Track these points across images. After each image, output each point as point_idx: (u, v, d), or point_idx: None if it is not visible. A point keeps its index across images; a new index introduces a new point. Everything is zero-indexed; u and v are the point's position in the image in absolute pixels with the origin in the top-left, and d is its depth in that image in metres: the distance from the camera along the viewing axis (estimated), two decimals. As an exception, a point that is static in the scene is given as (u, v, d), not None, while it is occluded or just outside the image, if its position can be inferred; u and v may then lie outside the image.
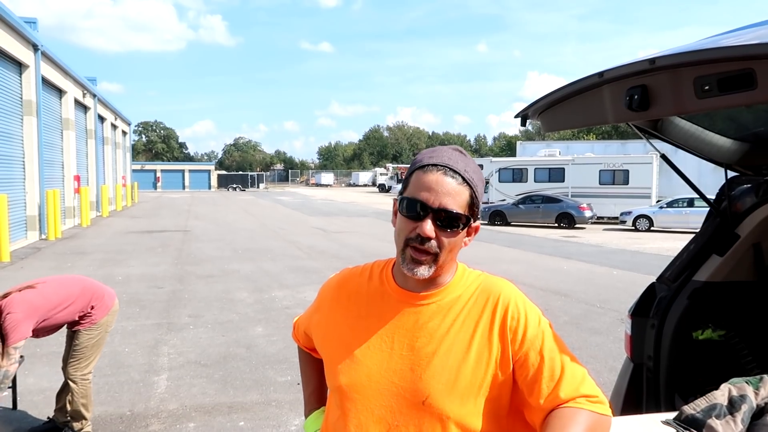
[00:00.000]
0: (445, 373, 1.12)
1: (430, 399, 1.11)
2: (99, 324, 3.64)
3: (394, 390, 1.14)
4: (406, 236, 1.12)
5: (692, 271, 2.55)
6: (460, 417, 1.11)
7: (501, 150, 77.23)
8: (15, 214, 14.07)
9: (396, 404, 1.13)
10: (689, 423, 1.18)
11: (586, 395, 1.10)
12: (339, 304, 1.27)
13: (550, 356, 1.12)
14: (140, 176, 55.50)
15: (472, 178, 1.13)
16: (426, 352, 1.14)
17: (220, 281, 9.62)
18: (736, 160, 2.52)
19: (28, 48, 15.47)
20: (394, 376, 1.14)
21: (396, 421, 1.13)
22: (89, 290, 3.65)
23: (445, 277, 1.19)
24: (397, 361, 1.15)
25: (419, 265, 1.12)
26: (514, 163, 27.25)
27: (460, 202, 1.11)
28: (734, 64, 1.33)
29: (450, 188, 1.10)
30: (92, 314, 3.61)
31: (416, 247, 1.11)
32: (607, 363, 5.48)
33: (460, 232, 1.13)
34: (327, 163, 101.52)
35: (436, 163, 1.12)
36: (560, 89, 1.88)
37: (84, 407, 3.69)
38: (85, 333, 3.61)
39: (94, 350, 3.68)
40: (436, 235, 1.10)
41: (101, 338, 3.69)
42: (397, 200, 1.17)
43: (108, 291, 3.80)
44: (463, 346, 1.14)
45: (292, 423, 4.14)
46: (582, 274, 10.81)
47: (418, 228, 1.10)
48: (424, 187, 1.11)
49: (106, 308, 3.69)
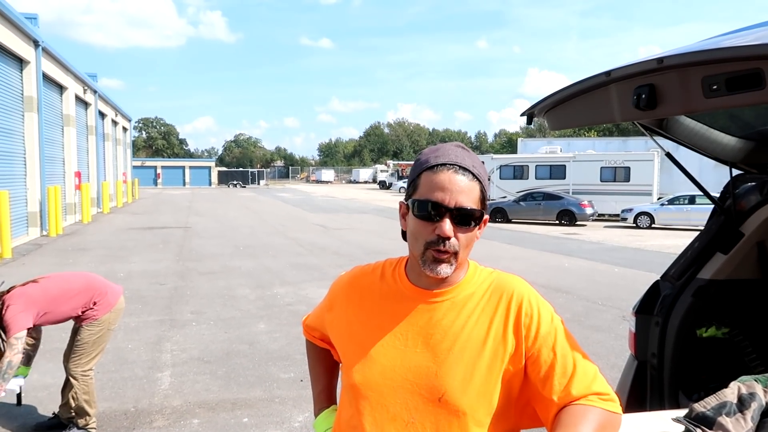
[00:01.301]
0: (461, 370, 1.13)
1: (447, 395, 1.12)
2: (101, 320, 3.65)
3: (409, 387, 1.14)
4: (425, 240, 1.12)
5: (696, 268, 2.56)
6: (477, 412, 1.12)
7: (502, 147, 77.17)
8: (16, 211, 14.09)
9: (411, 401, 1.14)
10: (699, 420, 1.18)
11: (598, 393, 1.11)
12: (351, 303, 1.28)
13: (562, 353, 1.13)
14: (141, 172, 55.47)
15: (480, 173, 1.15)
16: (441, 348, 1.15)
17: (222, 278, 9.64)
18: (740, 158, 2.52)
19: (28, 44, 15.46)
20: (408, 373, 1.15)
21: (412, 417, 1.14)
22: (92, 286, 3.67)
23: (459, 274, 1.20)
24: (412, 358, 1.16)
25: (441, 264, 1.12)
26: (515, 160, 27.21)
27: (473, 198, 1.12)
28: (742, 63, 1.33)
29: (463, 186, 1.11)
30: (95, 310, 3.63)
31: (438, 249, 1.11)
32: (609, 360, 5.49)
33: (476, 228, 1.14)
34: (327, 160, 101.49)
35: (444, 162, 1.13)
36: (567, 88, 1.89)
37: (87, 403, 3.70)
38: (86, 329, 3.62)
39: (95, 347, 3.68)
40: (455, 234, 1.11)
41: (103, 335, 3.70)
42: (406, 203, 1.17)
43: (113, 288, 3.81)
44: (479, 342, 1.15)
45: (295, 419, 4.15)
46: (583, 272, 10.82)
47: (437, 229, 1.10)
48: (438, 187, 1.11)
49: (108, 305, 3.70)
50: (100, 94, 26.89)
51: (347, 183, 77.90)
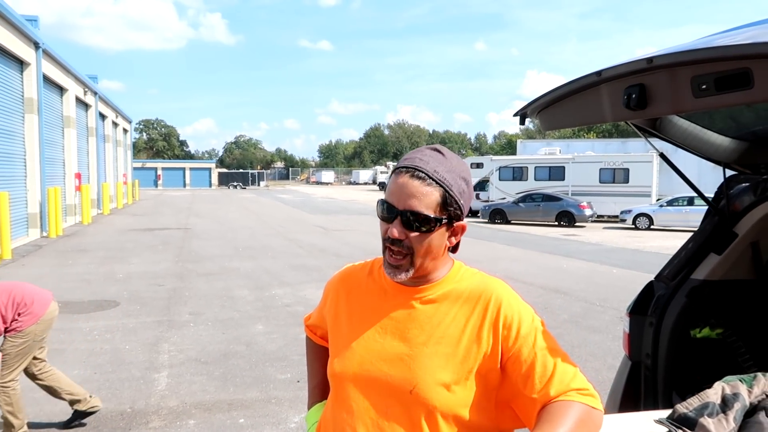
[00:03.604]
0: (433, 364, 1.16)
1: (417, 388, 1.14)
2: (26, 332, 3.52)
3: (384, 378, 1.18)
4: (382, 237, 1.19)
5: (690, 269, 2.56)
6: (447, 407, 1.14)
7: (501, 148, 77.15)
8: (16, 212, 14.10)
9: (386, 392, 1.17)
10: (681, 421, 1.18)
11: (577, 388, 1.12)
12: (339, 298, 1.33)
13: (542, 353, 1.15)
14: (141, 174, 55.51)
15: (444, 178, 1.14)
16: (416, 342, 1.18)
17: (221, 279, 9.64)
18: (734, 158, 2.52)
19: (29, 46, 15.48)
20: (384, 365, 1.18)
21: (386, 408, 1.17)
22: (16, 299, 3.54)
23: (439, 272, 1.23)
24: (389, 350, 1.19)
25: (396, 269, 1.17)
26: (515, 162, 27.23)
27: (427, 203, 1.13)
28: (731, 63, 1.33)
29: (415, 190, 1.13)
30: (18, 321, 3.51)
31: (389, 248, 1.16)
32: (606, 361, 5.49)
33: (433, 233, 1.15)
34: (328, 161, 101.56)
35: (405, 165, 1.15)
36: (558, 88, 1.89)
37: (11, 414, 3.56)
38: (9, 340, 3.52)
39: (18, 359, 3.55)
40: (407, 236, 1.14)
41: (27, 347, 3.56)
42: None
43: (40, 299, 3.66)
44: (453, 338, 1.17)
45: (292, 420, 4.15)
46: (582, 273, 10.82)
47: (388, 230, 1.16)
48: (393, 189, 1.15)
49: (34, 316, 3.56)
50: (101, 95, 26.91)
51: (347, 184, 77.92)
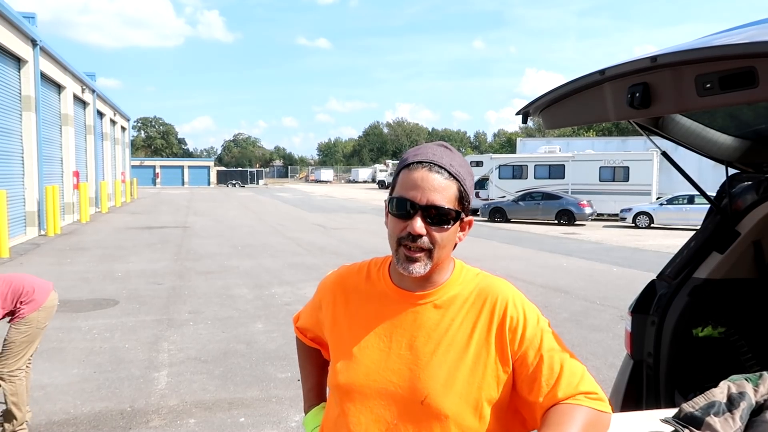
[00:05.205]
0: (443, 373, 1.13)
1: (429, 399, 1.11)
2: (28, 319, 3.56)
3: (393, 389, 1.14)
4: (397, 236, 1.12)
5: (693, 268, 2.55)
6: (459, 416, 1.11)
7: (501, 147, 77.11)
8: (14, 210, 14.07)
9: (395, 403, 1.14)
10: (688, 421, 1.18)
11: (585, 392, 1.10)
12: (337, 303, 1.28)
13: (549, 354, 1.12)
14: (139, 172, 55.39)
15: (458, 172, 1.13)
16: (424, 351, 1.15)
17: (220, 277, 9.63)
18: (736, 157, 2.52)
19: (26, 43, 15.43)
20: (392, 375, 1.15)
21: (395, 420, 1.14)
22: (17, 287, 3.56)
23: (442, 275, 1.20)
24: (396, 360, 1.16)
25: (414, 263, 1.12)
26: (514, 160, 27.21)
27: (448, 197, 1.11)
28: (736, 62, 1.32)
29: (436, 184, 1.10)
30: (21, 309, 3.54)
31: (408, 245, 1.11)
32: (607, 360, 5.49)
33: (451, 227, 1.13)
34: (326, 160, 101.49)
35: (421, 160, 1.12)
36: (561, 87, 1.88)
37: (15, 406, 3.58)
38: (13, 328, 3.54)
39: (23, 347, 3.57)
40: (427, 232, 1.11)
41: (32, 334, 3.60)
42: (387, 201, 1.18)
43: (41, 287, 3.69)
44: (461, 345, 1.15)
45: (292, 419, 4.15)
46: (582, 271, 10.82)
47: (408, 226, 1.10)
48: (411, 185, 1.11)
49: (36, 304, 3.59)
50: (99, 93, 26.85)
51: (346, 182, 77.90)
